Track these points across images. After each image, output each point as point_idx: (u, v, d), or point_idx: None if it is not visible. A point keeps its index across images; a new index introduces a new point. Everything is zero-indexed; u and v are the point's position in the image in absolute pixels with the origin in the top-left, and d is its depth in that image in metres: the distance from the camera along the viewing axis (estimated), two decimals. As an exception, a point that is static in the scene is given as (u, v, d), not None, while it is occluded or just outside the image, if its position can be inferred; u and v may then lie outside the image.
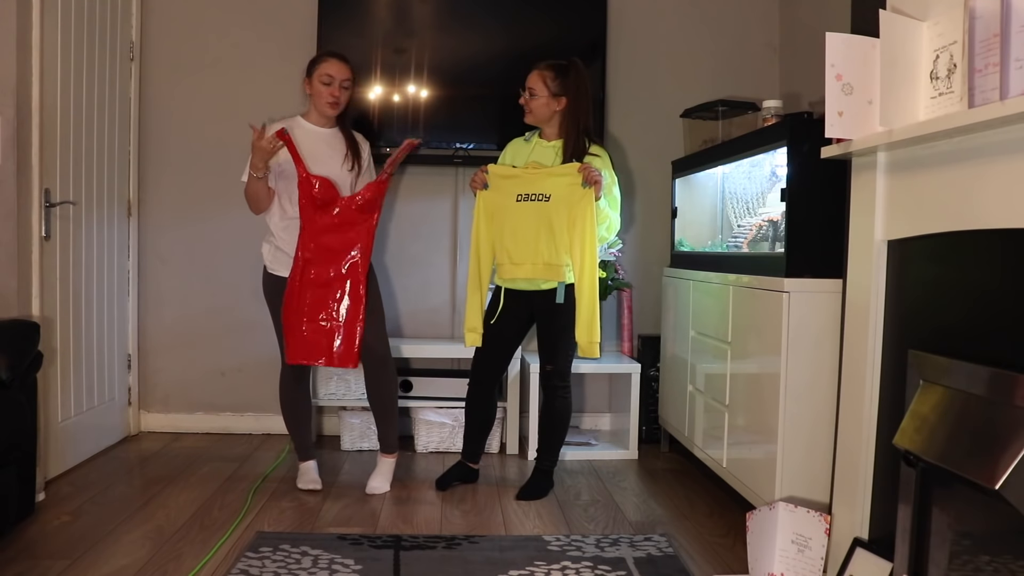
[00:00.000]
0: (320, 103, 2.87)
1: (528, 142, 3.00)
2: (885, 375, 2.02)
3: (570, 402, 2.99)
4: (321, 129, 2.92)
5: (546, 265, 2.84)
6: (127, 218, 3.65)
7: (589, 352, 2.84)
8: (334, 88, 2.84)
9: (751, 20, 3.90)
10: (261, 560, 2.29)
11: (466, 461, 3.12)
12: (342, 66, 2.87)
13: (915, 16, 1.86)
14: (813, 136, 2.32)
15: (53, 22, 2.91)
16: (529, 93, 2.90)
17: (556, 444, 3.04)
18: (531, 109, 2.91)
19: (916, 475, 1.79)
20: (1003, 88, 1.52)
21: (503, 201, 2.88)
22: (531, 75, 2.90)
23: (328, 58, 2.88)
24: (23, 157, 2.75)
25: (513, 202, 2.86)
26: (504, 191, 2.88)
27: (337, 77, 2.84)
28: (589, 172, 2.76)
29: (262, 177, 2.80)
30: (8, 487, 2.40)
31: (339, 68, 2.86)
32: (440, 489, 3.02)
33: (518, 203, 2.85)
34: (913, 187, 1.89)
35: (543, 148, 2.95)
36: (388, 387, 2.99)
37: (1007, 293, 1.62)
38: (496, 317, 2.95)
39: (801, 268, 2.43)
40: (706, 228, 3.52)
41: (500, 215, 2.88)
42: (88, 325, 3.27)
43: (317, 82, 2.85)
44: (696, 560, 2.40)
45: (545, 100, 2.88)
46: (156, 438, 3.69)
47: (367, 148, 2.99)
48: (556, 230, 2.81)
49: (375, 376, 2.96)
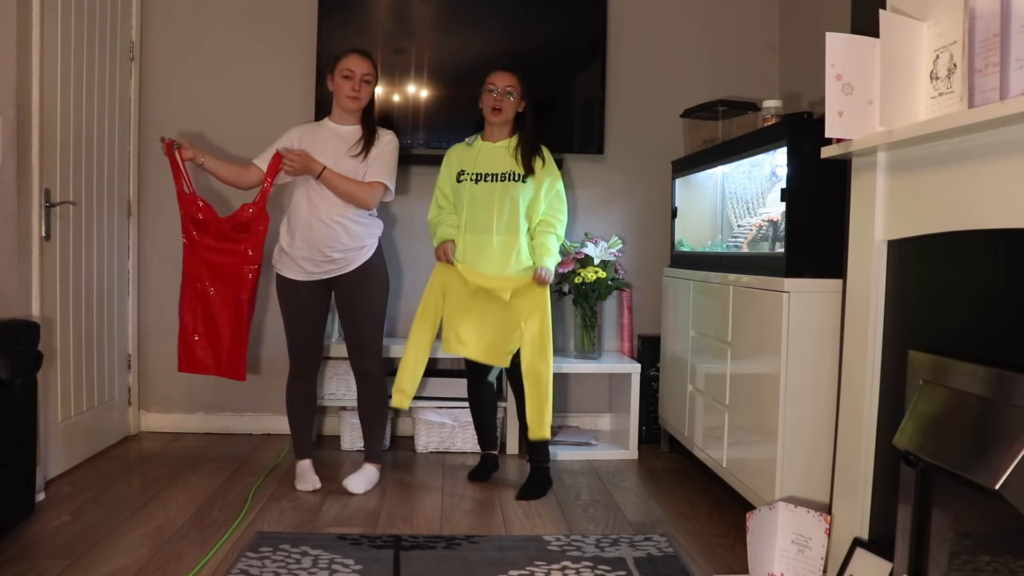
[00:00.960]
0: (340, 96, 2.88)
1: (472, 146, 3.03)
2: (885, 375, 2.02)
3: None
4: (342, 127, 2.92)
5: (489, 349, 2.94)
6: (127, 218, 3.65)
7: (540, 435, 2.92)
8: (355, 82, 2.85)
9: (751, 20, 3.90)
10: (261, 560, 2.29)
11: (483, 450, 3.24)
12: (363, 61, 2.88)
13: (915, 16, 1.86)
14: (813, 136, 2.32)
15: (53, 22, 2.91)
16: (508, 93, 2.92)
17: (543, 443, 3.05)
18: (504, 109, 2.93)
19: (916, 475, 1.79)
20: (1003, 88, 1.52)
21: (461, 283, 2.94)
22: (504, 75, 2.94)
23: (349, 54, 2.89)
24: (23, 157, 2.75)
25: (469, 290, 2.93)
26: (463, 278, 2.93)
27: (357, 71, 2.85)
28: (543, 279, 2.90)
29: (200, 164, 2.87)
30: (8, 487, 2.40)
31: (359, 62, 2.86)
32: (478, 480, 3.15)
33: (473, 292, 2.93)
34: (913, 187, 1.89)
35: (492, 149, 2.98)
36: (374, 400, 3.03)
37: (1007, 293, 1.62)
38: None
39: (801, 268, 2.43)
40: (706, 228, 3.52)
41: (455, 295, 2.95)
42: (88, 325, 3.27)
43: (338, 76, 2.87)
44: (696, 560, 2.40)
45: (517, 101, 2.95)
46: (156, 438, 3.69)
47: (385, 139, 2.94)
48: (509, 321, 2.91)
49: (361, 389, 3.03)
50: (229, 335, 2.90)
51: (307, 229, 2.85)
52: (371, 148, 2.89)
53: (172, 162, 2.84)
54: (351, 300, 2.92)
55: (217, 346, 2.92)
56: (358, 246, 2.90)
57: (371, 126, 2.92)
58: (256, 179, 2.91)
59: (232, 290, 2.89)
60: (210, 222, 2.87)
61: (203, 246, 2.89)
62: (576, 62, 3.78)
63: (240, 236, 2.88)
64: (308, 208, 2.85)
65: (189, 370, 2.97)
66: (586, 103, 3.79)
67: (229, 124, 3.71)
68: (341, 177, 2.83)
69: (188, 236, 2.91)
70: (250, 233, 2.88)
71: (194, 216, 2.87)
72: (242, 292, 2.88)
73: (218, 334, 2.92)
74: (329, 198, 2.85)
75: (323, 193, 2.84)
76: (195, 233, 2.89)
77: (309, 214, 2.85)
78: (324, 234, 2.84)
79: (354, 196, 2.85)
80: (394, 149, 2.95)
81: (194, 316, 2.92)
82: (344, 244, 2.86)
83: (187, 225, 2.90)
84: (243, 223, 2.86)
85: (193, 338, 2.93)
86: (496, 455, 3.26)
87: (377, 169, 2.88)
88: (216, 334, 2.92)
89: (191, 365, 2.96)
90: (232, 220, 2.87)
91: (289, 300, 2.93)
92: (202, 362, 2.95)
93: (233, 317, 2.90)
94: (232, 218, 2.87)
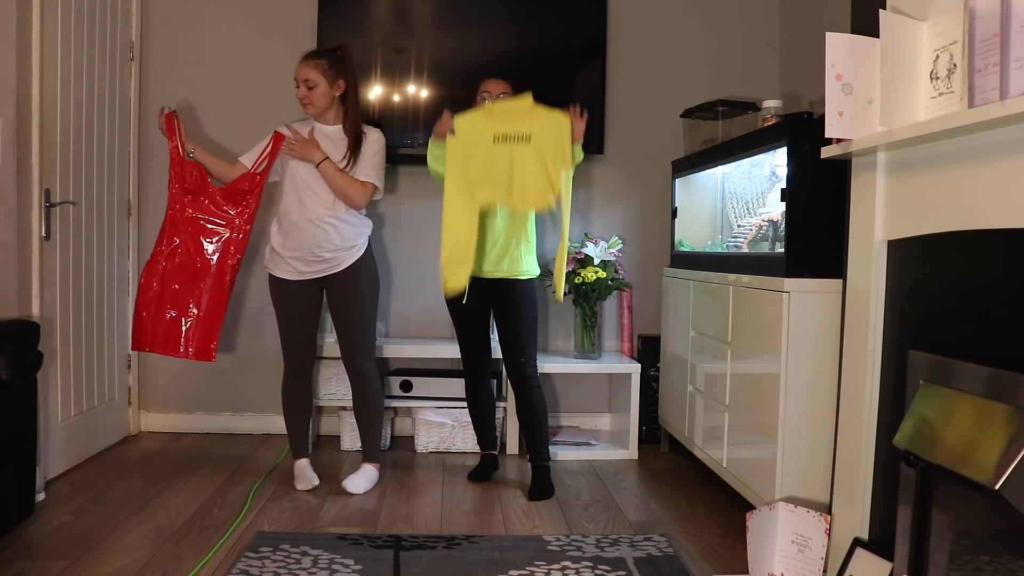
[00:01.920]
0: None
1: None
2: (885, 375, 2.02)
3: (542, 390, 3.02)
4: (327, 127, 2.93)
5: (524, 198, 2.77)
6: (127, 218, 3.65)
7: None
8: (300, 90, 2.85)
9: (751, 20, 3.90)
10: (261, 560, 2.29)
11: (483, 450, 3.24)
12: (304, 66, 2.84)
13: (915, 16, 1.86)
14: (813, 136, 2.31)
15: (53, 22, 2.91)
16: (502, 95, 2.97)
17: (544, 437, 3.05)
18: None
19: (916, 475, 1.79)
20: (1003, 88, 1.52)
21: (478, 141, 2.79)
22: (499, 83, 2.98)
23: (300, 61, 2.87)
24: (23, 157, 2.75)
25: (490, 143, 2.79)
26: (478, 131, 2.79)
27: (299, 78, 2.84)
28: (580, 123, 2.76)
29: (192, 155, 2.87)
30: (8, 487, 2.40)
31: (300, 68, 2.84)
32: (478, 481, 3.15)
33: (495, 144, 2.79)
34: (913, 187, 1.89)
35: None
36: (369, 401, 3.03)
37: (1007, 293, 1.62)
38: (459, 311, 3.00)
39: (801, 268, 2.43)
40: (706, 228, 3.52)
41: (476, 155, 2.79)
42: (88, 325, 3.27)
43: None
44: (696, 560, 2.40)
45: None
46: (156, 438, 3.69)
47: (372, 139, 2.94)
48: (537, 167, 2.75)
49: (356, 390, 3.04)
50: (204, 312, 2.85)
51: (297, 230, 2.85)
52: (359, 148, 2.90)
53: (169, 130, 2.84)
54: (343, 299, 2.93)
55: (185, 324, 2.83)
56: (348, 246, 2.90)
57: (355, 128, 2.91)
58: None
59: (216, 264, 2.86)
60: (202, 190, 2.85)
61: (189, 214, 2.85)
62: (576, 62, 3.78)
63: (231, 208, 2.86)
64: (298, 209, 2.86)
65: (144, 348, 2.86)
66: (586, 103, 3.76)
67: (229, 124, 3.71)
68: (339, 171, 2.84)
69: (173, 203, 2.86)
70: (241, 206, 2.87)
71: (185, 181, 2.83)
72: (225, 267, 2.86)
73: (186, 311, 2.84)
74: (319, 199, 2.85)
75: (312, 194, 2.85)
76: (185, 200, 2.85)
77: (299, 215, 2.85)
78: (314, 234, 2.84)
79: (347, 192, 2.85)
80: (382, 148, 2.95)
81: (162, 290, 2.84)
82: (335, 244, 2.87)
83: (175, 192, 2.86)
84: (239, 191, 2.85)
85: (166, 315, 2.83)
86: (496, 455, 3.26)
87: (366, 170, 2.89)
88: (185, 311, 2.84)
89: (149, 343, 2.84)
90: (226, 189, 2.87)
91: (282, 300, 2.93)
92: (162, 340, 2.83)
93: (213, 293, 2.86)
94: (228, 187, 2.87)
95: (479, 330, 3.08)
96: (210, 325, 2.88)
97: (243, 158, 2.93)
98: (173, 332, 2.87)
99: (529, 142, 2.77)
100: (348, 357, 2.98)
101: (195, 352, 2.89)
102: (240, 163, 2.92)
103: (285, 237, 2.88)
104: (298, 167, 2.86)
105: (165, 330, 2.87)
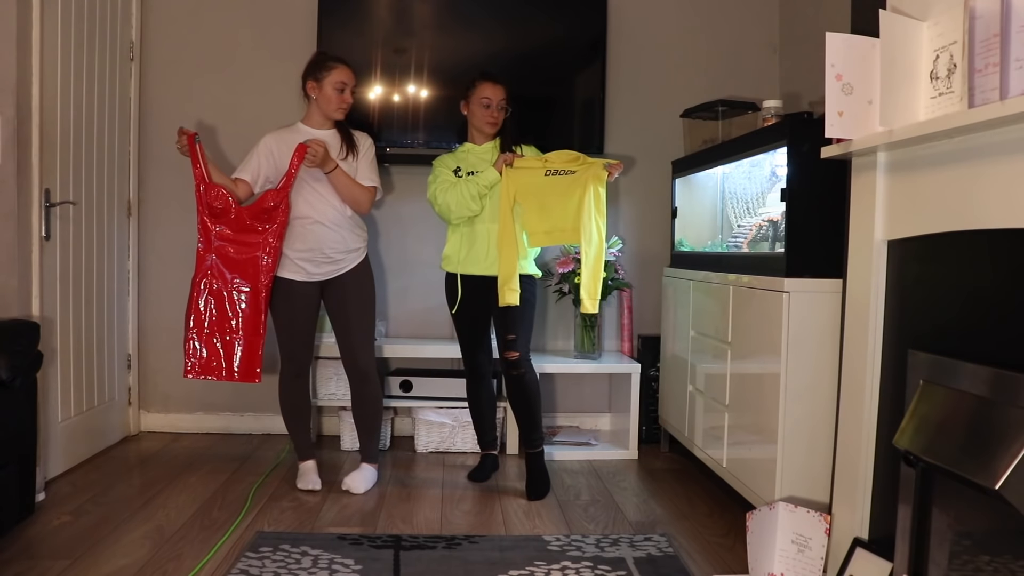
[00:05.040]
0: (331, 108, 2.89)
1: (459, 150, 3.09)
2: (885, 375, 2.02)
3: (535, 374, 3.01)
4: (318, 131, 2.93)
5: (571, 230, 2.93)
6: (127, 218, 3.65)
7: (590, 308, 2.90)
8: (347, 95, 2.88)
9: (751, 20, 3.90)
10: (261, 560, 2.29)
11: (483, 450, 3.24)
12: (351, 73, 2.91)
13: (915, 16, 1.86)
14: (813, 136, 2.31)
15: (53, 22, 2.91)
16: (501, 108, 2.98)
17: (538, 420, 3.04)
18: (499, 122, 3.00)
19: (916, 475, 1.79)
20: (1003, 88, 1.52)
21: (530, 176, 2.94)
22: (498, 89, 2.98)
23: (338, 65, 2.89)
24: (23, 157, 2.75)
25: (541, 176, 2.93)
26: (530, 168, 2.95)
27: (349, 84, 2.89)
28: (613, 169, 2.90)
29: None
30: (8, 487, 2.40)
31: (350, 75, 2.90)
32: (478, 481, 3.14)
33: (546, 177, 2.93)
34: (913, 187, 1.89)
35: (479, 150, 3.03)
36: (369, 401, 3.04)
37: (1007, 293, 1.62)
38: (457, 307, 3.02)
39: (801, 268, 2.43)
40: (706, 228, 3.52)
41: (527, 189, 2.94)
42: (88, 325, 3.27)
43: (329, 88, 2.86)
44: (696, 560, 2.40)
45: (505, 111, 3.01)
46: (156, 438, 3.69)
47: (367, 144, 2.99)
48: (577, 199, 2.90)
49: (356, 390, 3.04)
50: (245, 335, 2.84)
51: (308, 232, 2.87)
52: (353, 149, 2.93)
53: (192, 154, 2.78)
54: (345, 302, 2.95)
55: (228, 348, 2.85)
56: (355, 248, 2.96)
57: (347, 129, 2.95)
58: (245, 194, 2.88)
59: (251, 284, 2.84)
60: (229, 211, 2.81)
61: (221, 239, 2.83)
62: (576, 62, 3.78)
63: (261, 226, 2.83)
64: (308, 211, 2.87)
65: (198, 375, 2.86)
66: (586, 103, 3.79)
67: (229, 124, 3.71)
68: (348, 177, 2.87)
69: (204, 232, 2.83)
70: (272, 222, 2.83)
71: (213, 206, 2.79)
72: (260, 285, 2.83)
73: (230, 335, 2.85)
74: (328, 201, 2.87)
75: (322, 196, 2.87)
76: (214, 226, 2.82)
77: (310, 217, 2.87)
78: (326, 236, 2.87)
79: (356, 197, 2.89)
80: (375, 152, 3.02)
81: (204, 318, 2.83)
82: (345, 246, 2.91)
83: (204, 220, 2.82)
84: (265, 210, 2.82)
85: (213, 341, 2.84)
86: (496, 455, 3.26)
87: (367, 174, 2.94)
88: (228, 336, 2.85)
89: (202, 370, 2.86)
90: (253, 208, 2.83)
91: (285, 301, 2.93)
92: (213, 366, 2.85)
93: (250, 314, 2.84)
94: (254, 206, 2.83)
95: (479, 330, 3.08)
96: (252, 345, 2.85)
97: (241, 174, 2.88)
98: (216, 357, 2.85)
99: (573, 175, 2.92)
100: (350, 359, 2.99)
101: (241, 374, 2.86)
102: (242, 180, 2.87)
103: (294, 239, 2.88)
104: (304, 171, 2.85)
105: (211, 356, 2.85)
